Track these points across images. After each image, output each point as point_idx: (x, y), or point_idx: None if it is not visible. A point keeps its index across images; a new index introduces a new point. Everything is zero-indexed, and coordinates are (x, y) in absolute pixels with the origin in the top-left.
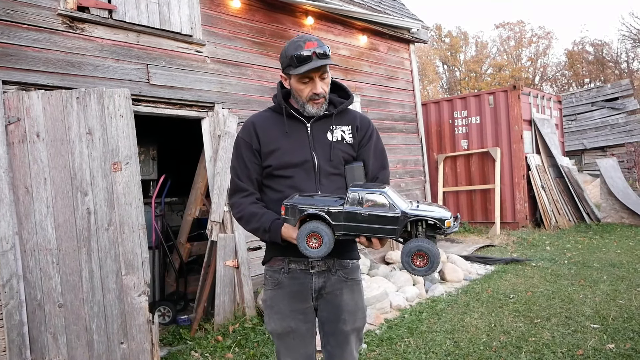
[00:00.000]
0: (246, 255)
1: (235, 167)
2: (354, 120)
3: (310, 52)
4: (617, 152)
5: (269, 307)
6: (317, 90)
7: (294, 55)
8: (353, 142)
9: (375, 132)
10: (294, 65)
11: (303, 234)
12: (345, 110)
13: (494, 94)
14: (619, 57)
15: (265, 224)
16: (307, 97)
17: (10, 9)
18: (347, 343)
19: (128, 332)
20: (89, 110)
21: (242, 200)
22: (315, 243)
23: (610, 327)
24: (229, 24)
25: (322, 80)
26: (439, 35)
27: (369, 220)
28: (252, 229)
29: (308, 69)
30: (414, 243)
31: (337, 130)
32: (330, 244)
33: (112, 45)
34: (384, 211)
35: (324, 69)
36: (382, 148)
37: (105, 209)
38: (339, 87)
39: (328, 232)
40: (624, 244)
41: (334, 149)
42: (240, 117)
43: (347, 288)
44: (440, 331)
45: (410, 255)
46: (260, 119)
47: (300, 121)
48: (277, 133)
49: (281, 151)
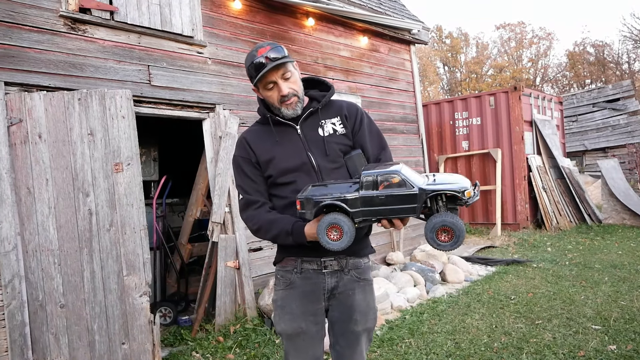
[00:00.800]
0: (247, 256)
1: (241, 185)
2: (341, 109)
3: (263, 58)
4: (618, 153)
5: (279, 308)
6: (283, 92)
7: (250, 66)
8: (346, 132)
9: (365, 116)
10: (254, 75)
11: (322, 228)
12: (330, 102)
13: (495, 95)
14: (620, 58)
15: (286, 227)
16: (278, 100)
17: (12, 10)
18: (358, 344)
19: (129, 333)
20: (91, 111)
21: (256, 212)
22: (336, 235)
23: (612, 328)
24: (230, 25)
25: (286, 81)
26: (439, 37)
27: (387, 202)
28: (273, 236)
29: (262, 74)
30: (438, 218)
31: (327, 124)
32: (352, 234)
33: (114, 46)
34: (401, 190)
35: (283, 69)
36: (376, 130)
37: (106, 210)
38: (318, 81)
39: (347, 221)
40: (626, 245)
41: (328, 144)
42: (242, 118)
43: (360, 288)
44: (441, 332)
45: (434, 231)
46: (251, 133)
47: (289, 125)
48: (269, 143)
49: (277, 159)
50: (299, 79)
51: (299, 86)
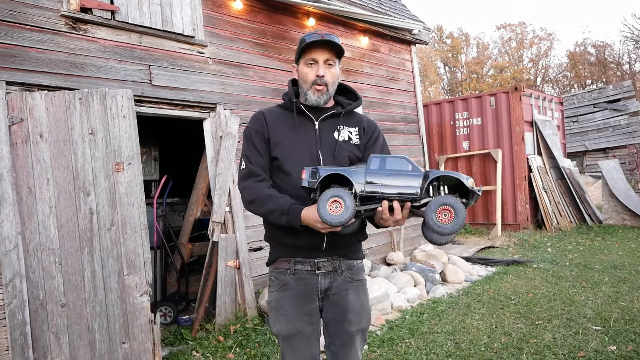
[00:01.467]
0: (247, 255)
1: (248, 155)
2: (361, 122)
3: (319, 36)
4: (619, 153)
5: (274, 309)
6: (319, 72)
7: (303, 39)
8: (359, 144)
9: (381, 136)
10: (302, 45)
11: (324, 200)
12: (353, 112)
13: (496, 95)
14: (621, 58)
15: (283, 207)
16: (311, 81)
17: (13, 10)
18: (352, 344)
19: (130, 332)
20: (92, 110)
21: (255, 184)
22: (337, 209)
23: (612, 329)
24: (231, 25)
25: (328, 68)
26: (440, 37)
27: (391, 177)
28: (267, 210)
29: (312, 43)
30: (439, 199)
31: (344, 130)
32: (352, 210)
33: (115, 46)
34: (407, 171)
35: (330, 55)
36: (388, 151)
37: (107, 209)
38: (348, 90)
39: (349, 196)
40: (626, 245)
41: (340, 148)
42: (242, 118)
43: (353, 289)
44: (441, 332)
45: (435, 211)
46: (270, 112)
47: (309, 118)
48: (285, 127)
49: (287, 144)
50: (337, 78)
51: (334, 82)
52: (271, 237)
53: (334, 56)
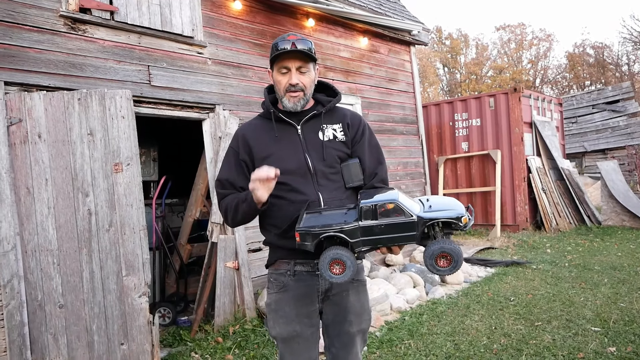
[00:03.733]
0: (246, 256)
1: (220, 179)
2: (344, 117)
3: (289, 43)
4: (618, 154)
5: (273, 311)
6: (292, 80)
7: (274, 45)
8: (346, 140)
9: (367, 128)
10: (274, 54)
11: (325, 263)
12: (334, 108)
13: (495, 96)
14: (620, 59)
15: (241, 196)
16: (285, 88)
17: (12, 10)
18: (353, 345)
19: (128, 333)
20: (91, 111)
21: (223, 200)
22: (339, 269)
23: (612, 330)
24: (230, 26)
25: (301, 74)
26: (439, 38)
27: (386, 231)
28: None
29: (281, 52)
30: (436, 245)
31: (328, 129)
32: (354, 267)
33: (114, 46)
34: (400, 219)
35: (302, 62)
36: (376, 143)
37: (106, 210)
38: (326, 86)
39: (349, 255)
40: (625, 246)
41: (327, 148)
42: (241, 118)
43: (353, 289)
44: (440, 333)
45: (433, 257)
46: (250, 128)
47: (290, 124)
48: (267, 139)
49: (275, 157)
50: (314, 81)
51: (310, 86)
52: (269, 242)
53: (307, 62)
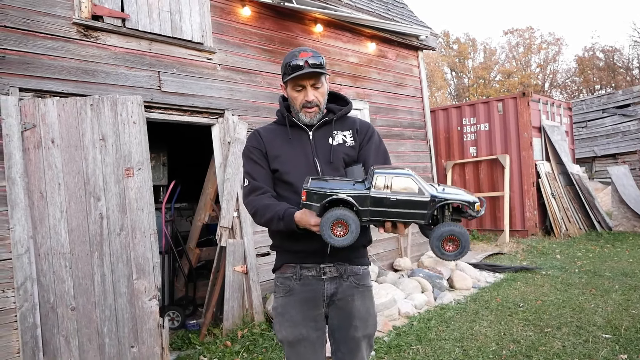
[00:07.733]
0: (255, 261)
1: (249, 172)
2: (354, 124)
3: (303, 61)
4: (628, 159)
5: (280, 315)
6: (308, 97)
7: (288, 64)
8: (354, 145)
9: (375, 134)
10: (288, 73)
11: (328, 222)
12: (345, 117)
13: (503, 100)
14: (631, 63)
15: (279, 212)
16: (300, 104)
17: (27, 18)
18: (359, 350)
19: (139, 336)
20: (103, 117)
21: (257, 198)
22: (341, 231)
23: (623, 337)
24: (239, 32)
25: (316, 90)
26: (447, 42)
27: (397, 205)
28: (267, 219)
29: (297, 75)
30: (446, 227)
31: (339, 135)
32: (357, 232)
33: (125, 53)
34: (413, 195)
35: (316, 79)
36: (384, 150)
37: (117, 214)
38: (338, 97)
39: (355, 219)
40: (637, 253)
41: (334, 152)
42: (250, 123)
43: (359, 294)
44: (449, 339)
45: (441, 239)
46: (265, 129)
47: (303, 129)
48: (280, 140)
49: (285, 157)
50: (327, 92)
51: (324, 99)
52: (277, 245)
53: (319, 77)
